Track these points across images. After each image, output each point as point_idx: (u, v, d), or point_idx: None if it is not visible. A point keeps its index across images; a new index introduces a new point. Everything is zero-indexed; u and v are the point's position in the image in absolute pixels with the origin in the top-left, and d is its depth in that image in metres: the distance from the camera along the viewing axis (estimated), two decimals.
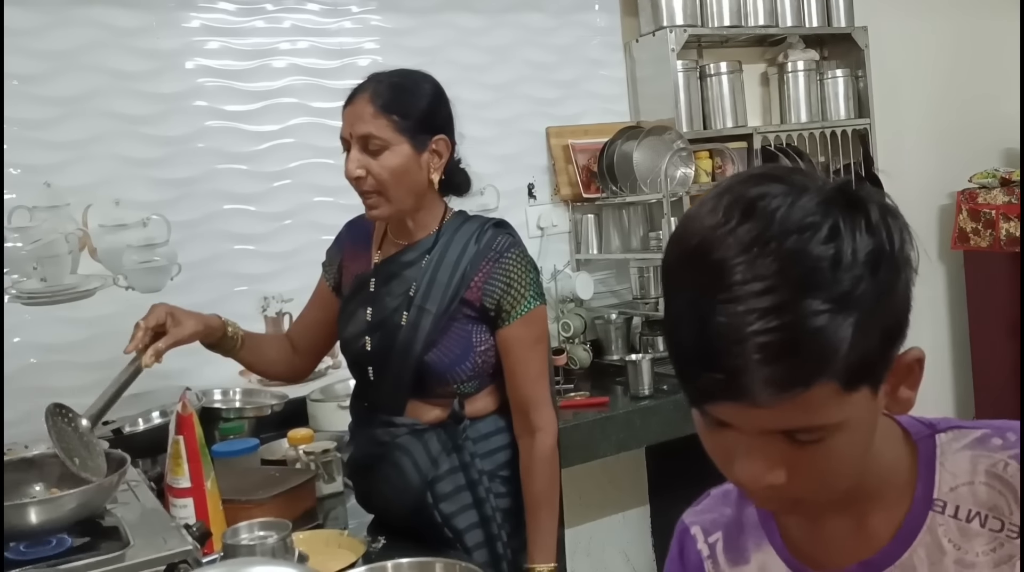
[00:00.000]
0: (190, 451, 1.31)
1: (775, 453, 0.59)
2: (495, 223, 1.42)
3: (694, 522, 0.79)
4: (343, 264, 1.50)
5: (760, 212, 0.57)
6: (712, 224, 0.58)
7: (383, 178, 1.32)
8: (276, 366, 1.57)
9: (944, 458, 0.68)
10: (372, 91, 1.33)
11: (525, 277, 1.37)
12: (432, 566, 1.19)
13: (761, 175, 0.60)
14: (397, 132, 1.32)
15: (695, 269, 0.58)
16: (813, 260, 0.55)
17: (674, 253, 0.61)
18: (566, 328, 2.51)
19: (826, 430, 0.58)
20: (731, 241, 0.57)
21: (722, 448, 0.62)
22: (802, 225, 0.56)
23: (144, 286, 1.77)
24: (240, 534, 1.17)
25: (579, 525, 2.66)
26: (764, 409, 0.56)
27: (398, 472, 1.37)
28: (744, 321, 0.55)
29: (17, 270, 1.69)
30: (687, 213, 0.63)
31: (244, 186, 2.21)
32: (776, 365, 0.55)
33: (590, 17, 2.72)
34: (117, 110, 2.07)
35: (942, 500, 0.67)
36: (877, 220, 0.58)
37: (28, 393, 1.93)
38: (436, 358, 1.36)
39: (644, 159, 2.49)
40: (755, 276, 0.55)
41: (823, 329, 0.55)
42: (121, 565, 1.07)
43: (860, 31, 2.92)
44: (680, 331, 0.58)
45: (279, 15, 2.26)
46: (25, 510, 1.11)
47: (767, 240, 0.56)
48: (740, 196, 0.58)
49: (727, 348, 0.55)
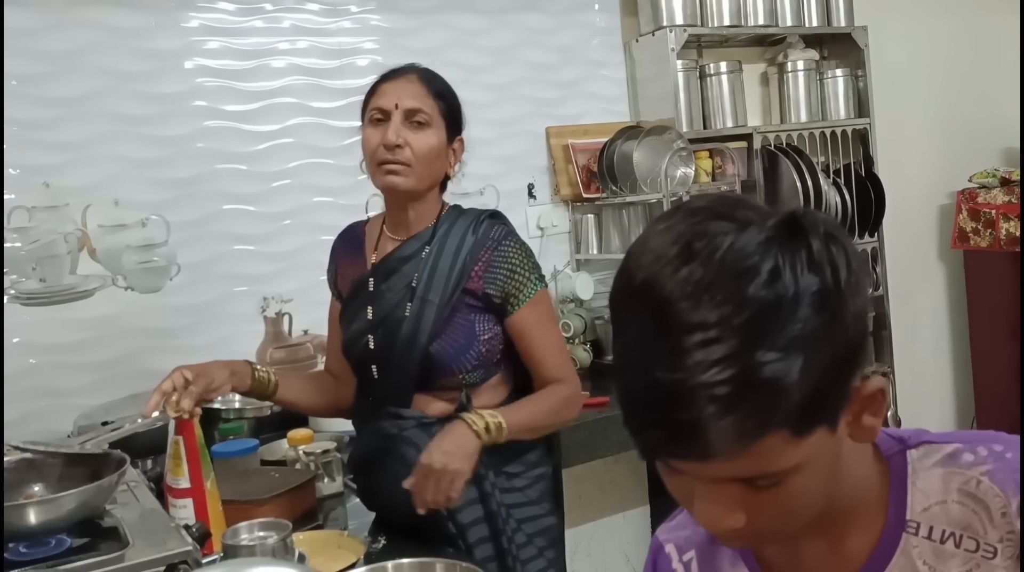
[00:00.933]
0: (190, 451, 1.31)
1: (732, 497, 0.58)
2: (490, 214, 1.45)
3: (668, 539, 0.78)
4: (339, 273, 1.51)
5: (703, 253, 0.55)
6: (656, 262, 0.56)
7: (421, 153, 1.35)
8: (322, 402, 1.53)
9: (915, 476, 0.66)
10: (420, 74, 1.39)
11: (526, 262, 1.39)
12: (433, 566, 1.19)
13: (706, 209, 0.58)
14: (440, 116, 1.37)
15: (638, 311, 0.56)
16: (755, 306, 0.53)
17: (619, 287, 0.59)
18: (566, 328, 2.50)
19: (782, 474, 0.57)
20: (674, 284, 0.54)
21: (680, 490, 0.61)
22: (743, 269, 0.54)
23: (143, 286, 1.77)
24: (240, 534, 1.16)
25: (579, 525, 2.66)
26: (715, 464, 0.55)
27: (404, 465, 1.37)
28: (690, 376, 0.53)
29: (16, 270, 1.69)
30: (635, 244, 0.60)
31: (244, 186, 2.21)
32: (724, 420, 0.53)
33: (590, 17, 2.72)
34: (116, 110, 2.07)
35: (915, 521, 0.65)
36: (820, 252, 0.56)
37: (28, 394, 1.93)
38: (441, 348, 1.36)
39: (644, 159, 2.49)
40: (699, 324, 0.53)
41: (771, 379, 0.53)
42: (121, 566, 1.06)
43: (860, 31, 2.92)
44: (625, 382, 0.56)
45: (278, 15, 2.26)
46: (24, 510, 1.11)
47: (708, 285, 0.54)
48: (682, 234, 0.56)
49: (672, 403, 0.53)
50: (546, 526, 1.42)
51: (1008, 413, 3.00)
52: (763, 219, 0.57)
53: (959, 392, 3.41)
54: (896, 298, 3.04)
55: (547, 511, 1.43)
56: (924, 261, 3.35)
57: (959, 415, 3.41)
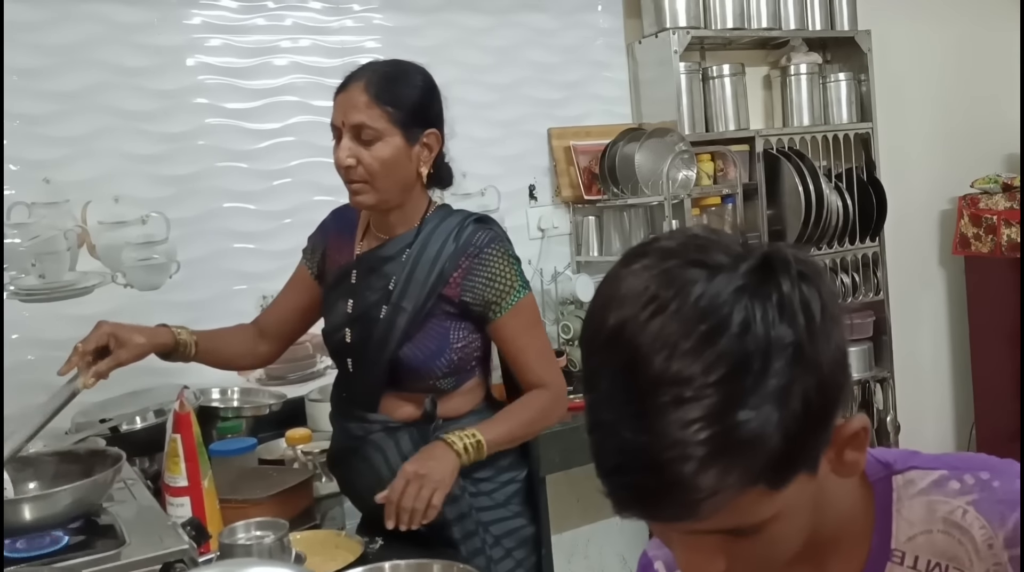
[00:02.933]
0: (187, 450, 1.30)
1: (712, 545, 0.56)
2: (476, 219, 1.41)
3: (656, 556, 0.77)
4: (327, 252, 1.50)
5: (673, 304, 0.53)
6: (626, 311, 0.54)
7: (373, 169, 1.31)
8: (237, 360, 1.56)
9: (900, 504, 0.65)
10: (367, 80, 1.32)
11: (507, 270, 1.36)
12: (429, 567, 1.18)
13: (678, 252, 0.56)
14: (391, 123, 1.31)
15: (610, 360, 0.54)
16: (728, 361, 0.51)
17: (590, 333, 0.56)
18: (566, 330, 2.50)
19: (761, 525, 0.56)
20: (645, 336, 0.52)
21: (661, 534, 0.60)
22: (715, 323, 0.52)
23: (143, 284, 1.76)
24: (237, 534, 1.16)
25: (577, 528, 2.66)
26: (689, 522, 0.54)
27: (370, 468, 1.37)
28: (662, 437, 0.51)
29: (16, 267, 1.68)
30: (604, 285, 0.58)
31: (244, 184, 2.20)
32: (698, 481, 0.51)
33: (593, 18, 2.71)
34: (117, 106, 2.06)
35: (900, 550, 0.64)
36: (790, 297, 0.53)
37: (26, 390, 1.92)
38: (410, 353, 1.35)
39: (646, 161, 2.48)
40: (671, 380, 0.51)
41: (747, 439, 0.51)
42: (117, 564, 1.06)
43: (863, 35, 2.92)
44: (596, 438, 0.54)
45: (281, 13, 2.26)
46: (19, 506, 1.11)
47: (678, 339, 0.52)
48: (652, 281, 0.54)
49: (645, 466, 0.52)
50: (513, 528, 1.42)
51: (1008, 419, 2.99)
52: (735, 264, 0.55)
53: (958, 397, 3.40)
54: (897, 303, 3.03)
55: (514, 513, 1.42)
56: (925, 266, 3.35)
57: (958, 421, 3.41)
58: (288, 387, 2.06)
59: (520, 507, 1.44)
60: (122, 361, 1.35)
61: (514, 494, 1.43)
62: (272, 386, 2.06)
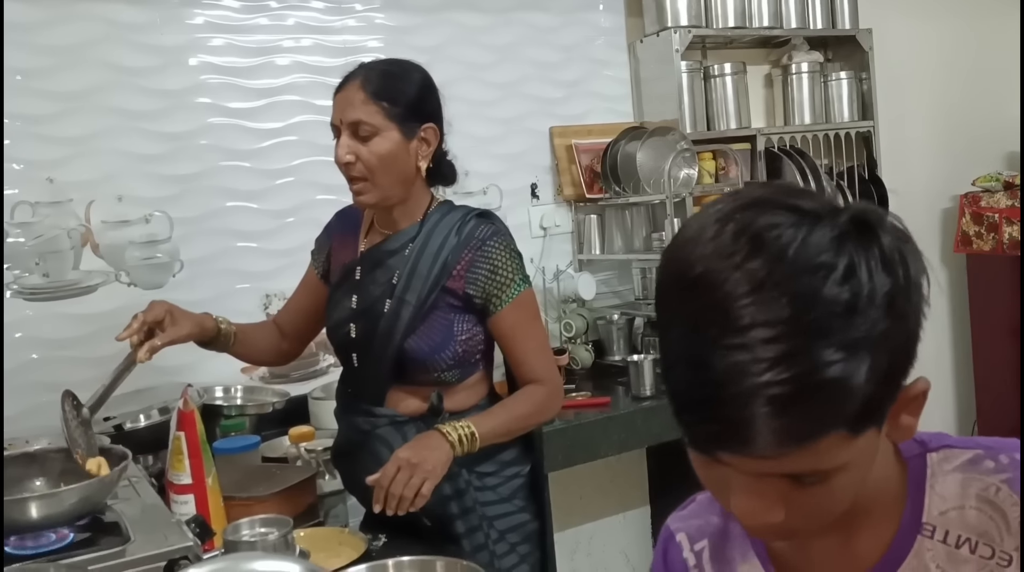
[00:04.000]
0: (191, 447, 1.31)
1: (774, 492, 0.57)
2: (478, 213, 1.43)
3: (679, 528, 0.78)
4: (332, 252, 1.52)
5: (770, 246, 0.53)
6: (716, 254, 0.54)
7: (372, 164, 1.33)
8: (266, 355, 1.61)
9: (934, 480, 0.66)
10: (363, 78, 1.34)
11: (509, 263, 1.38)
12: (433, 564, 1.19)
13: (768, 201, 0.56)
14: (387, 119, 1.33)
15: (696, 303, 0.54)
16: (828, 304, 0.52)
17: (671, 279, 0.57)
18: (568, 328, 2.50)
19: (831, 472, 0.56)
20: (738, 277, 0.53)
21: (718, 482, 0.60)
22: (816, 264, 0.53)
23: (146, 282, 1.77)
24: (241, 530, 1.17)
25: (580, 525, 2.66)
26: (766, 460, 0.54)
27: (376, 462, 1.38)
28: (752, 371, 0.51)
29: (19, 265, 1.69)
30: (684, 234, 0.58)
31: (247, 183, 2.21)
32: (785, 418, 0.52)
33: (595, 17, 2.71)
34: (120, 106, 2.07)
35: (931, 524, 0.65)
36: (891, 251, 0.55)
37: (29, 388, 1.92)
38: (416, 345, 1.37)
39: (647, 160, 2.48)
40: (765, 320, 0.52)
41: (837, 380, 0.52)
42: (122, 560, 1.06)
43: (864, 33, 2.92)
44: (678, 372, 0.55)
45: (283, 12, 2.26)
46: (26, 505, 1.11)
47: (778, 280, 0.52)
48: (747, 225, 0.55)
49: (731, 399, 0.52)
50: (518, 523, 1.43)
51: (1009, 416, 3.00)
52: (833, 214, 0.56)
53: (960, 395, 3.41)
54: None
55: (519, 508, 1.44)
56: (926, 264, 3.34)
57: (960, 418, 3.41)
58: (291, 385, 2.07)
59: (524, 502, 1.45)
60: (175, 339, 1.38)
61: (518, 489, 1.44)
62: (275, 384, 2.07)
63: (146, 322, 1.36)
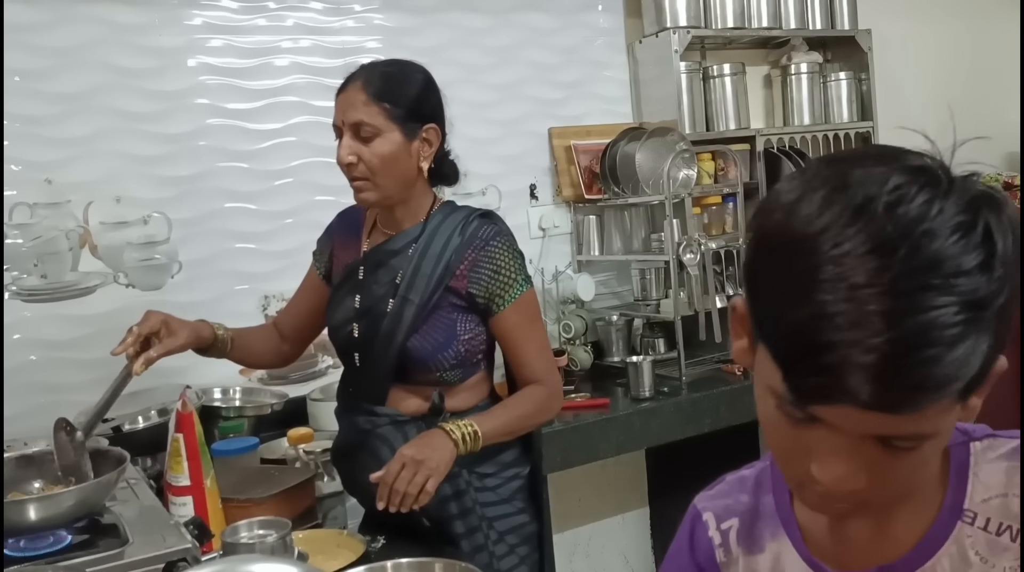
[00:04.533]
0: (190, 449, 1.31)
1: (864, 457, 0.56)
2: (481, 214, 1.44)
3: (707, 508, 0.77)
4: (334, 253, 1.52)
5: (928, 191, 0.53)
6: (874, 188, 0.54)
7: (373, 164, 1.34)
8: (265, 358, 1.61)
9: (978, 468, 0.66)
10: (364, 79, 1.35)
11: (512, 263, 1.39)
12: (432, 566, 1.19)
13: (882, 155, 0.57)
14: (388, 120, 1.34)
15: (859, 234, 0.52)
16: (981, 256, 0.52)
17: (815, 206, 0.54)
18: (567, 329, 2.50)
19: (927, 438, 0.56)
20: (904, 216, 0.52)
21: (800, 445, 0.58)
22: (955, 226, 0.53)
23: (145, 284, 1.77)
24: (239, 532, 1.16)
25: (578, 527, 2.66)
26: (883, 416, 0.53)
27: (376, 461, 1.38)
28: (918, 317, 0.51)
29: (18, 267, 1.69)
30: (828, 165, 0.57)
31: (245, 184, 2.21)
32: (918, 375, 0.51)
33: (594, 18, 2.71)
34: (119, 107, 2.07)
35: (973, 511, 0.65)
36: (1015, 221, 0.55)
37: (28, 390, 1.92)
38: (418, 344, 1.37)
39: (646, 160, 2.48)
40: (931, 262, 0.51)
41: (968, 342, 0.52)
42: (120, 563, 1.06)
43: (863, 34, 2.92)
44: (803, 321, 0.53)
45: (281, 13, 2.26)
46: (24, 507, 1.11)
47: (938, 226, 0.52)
48: (895, 169, 0.55)
49: (866, 351, 0.51)
50: (517, 524, 1.43)
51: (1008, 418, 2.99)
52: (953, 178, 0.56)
53: None
54: None
55: (518, 509, 1.44)
56: None
57: None
58: (290, 386, 2.07)
59: (523, 503, 1.45)
60: (170, 350, 1.38)
61: (518, 490, 1.44)
62: (274, 386, 2.07)
63: (141, 334, 1.36)
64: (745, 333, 0.63)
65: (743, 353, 0.64)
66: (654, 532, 2.81)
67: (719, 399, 2.32)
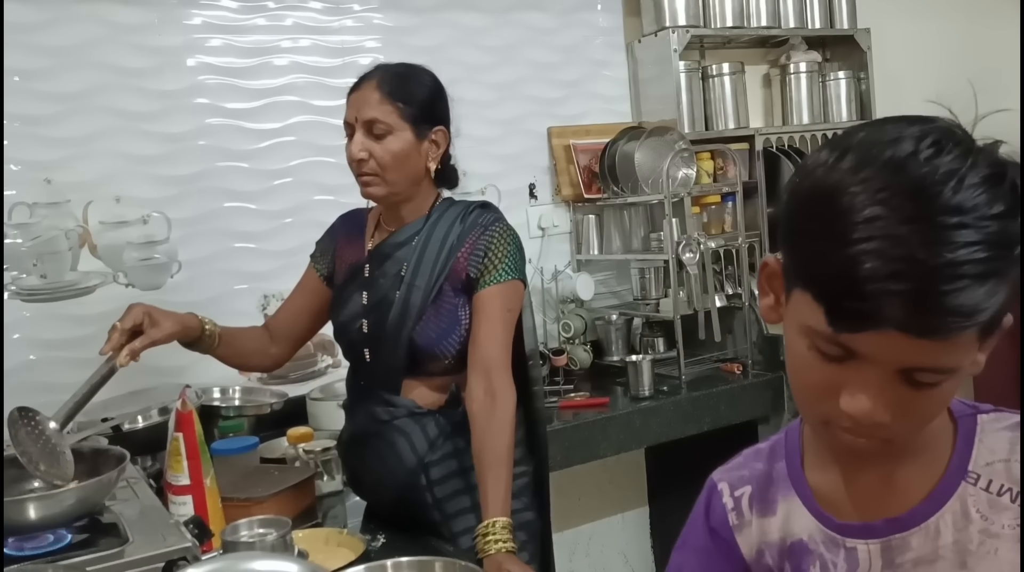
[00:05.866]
0: (189, 448, 1.31)
1: (890, 393, 0.61)
2: (480, 204, 1.47)
3: (722, 478, 0.82)
4: (337, 254, 1.53)
5: (959, 147, 0.59)
6: (908, 144, 0.59)
7: (384, 161, 1.37)
8: (252, 358, 1.60)
9: (984, 435, 0.70)
10: (379, 78, 1.39)
11: (505, 248, 1.40)
12: (432, 565, 1.19)
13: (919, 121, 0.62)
14: (401, 118, 1.37)
15: (894, 183, 0.58)
16: (1006, 203, 0.58)
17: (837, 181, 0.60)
18: (566, 328, 2.50)
19: (948, 374, 0.61)
20: (935, 167, 0.58)
21: (829, 382, 0.63)
22: (985, 177, 0.58)
23: (144, 283, 1.77)
24: (240, 531, 1.17)
25: (578, 526, 2.66)
26: (921, 342, 0.57)
27: (393, 452, 1.38)
28: (947, 256, 0.56)
29: (17, 267, 1.69)
30: (866, 130, 0.63)
31: (245, 184, 2.21)
32: (949, 304, 0.56)
33: (593, 17, 2.72)
34: (118, 106, 2.07)
35: (976, 473, 0.69)
36: None
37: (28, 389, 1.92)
38: (423, 331, 1.38)
39: (646, 160, 2.49)
40: (958, 207, 0.57)
41: (992, 278, 0.57)
42: (120, 561, 1.06)
43: (863, 33, 2.92)
44: (868, 248, 0.57)
45: (281, 13, 2.26)
46: (24, 506, 1.11)
47: (966, 174, 0.57)
48: (929, 128, 0.61)
49: (903, 281, 0.56)
50: (525, 520, 1.43)
51: None
52: (980, 144, 0.62)
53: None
54: None
55: (525, 506, 1.44)
56: None
57: None
58: (289, 386, 2.07)
59: (529, 500, 1.46)
60: (155, 340, 1.38)
61: (524, 487, 1.45)
62: (273, 385, 2.07)
63: (125, 329, 1.36)
64: (773, 290, 0.69)
65: (770, 309, 0.70)
66: (654, 531, 2.81)
67: (719, 398, 2.32)
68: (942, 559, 0.68)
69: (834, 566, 0.72)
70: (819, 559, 0.73)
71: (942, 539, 0.68)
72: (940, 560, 0.68)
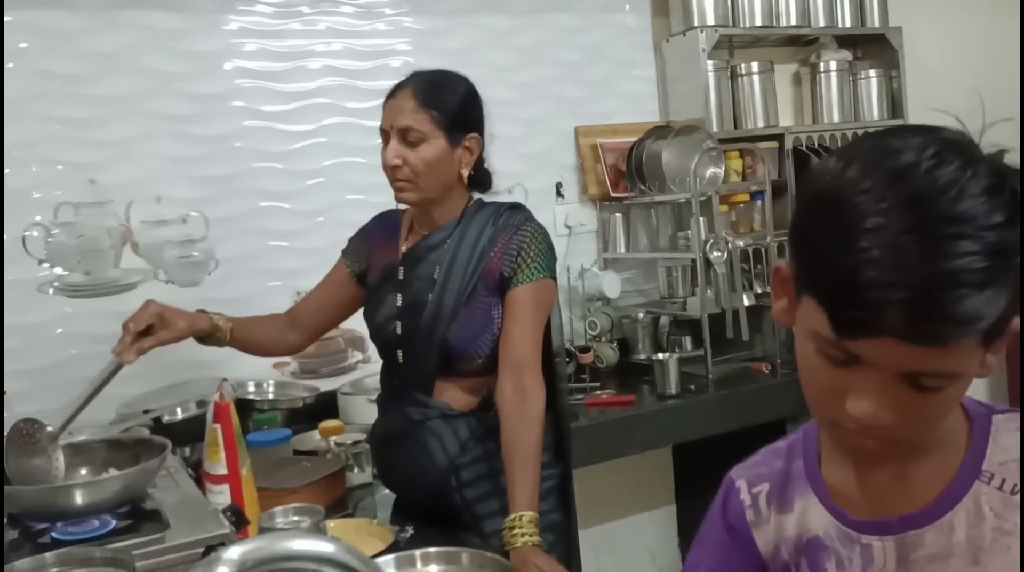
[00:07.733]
0: (227, 439, 1.35)
1: (894, 396, 0.62)
2: (511, 206, 1.49)
3: (740, 476, 0.83)
4: (371, 253, 1.56)
5: (960, 159, 0.60)
6: (911, 155, 0.61)
7: (418, 168, 1.40)
8: (268, 346, 1.64)
9: (998, 434, 0.71)
10: (414, 87, 1.41)
11: (536, 247, 1.42)
12: (459, 555, 1.22)
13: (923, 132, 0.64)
14: (435, 126, 1.40)
15: (896, 192, 0.59)
16: (1006, 213, 0.59)
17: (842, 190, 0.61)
18: (593, 326, 2.52)
19: (951, 378, 0.62)
20: (936, 178, 0.59)
21: (837, 386, 0.64)
22: (985, 187, 0.59)
23: (183, 280, 1.82)
24: (276, 518, 1.21)
25: (605, 523, 2.67)
26: (921, 349, 0.58)
27: (425, 452, 1.41)
28: (947, 265, 0.57)
29: (62, 264, 1.75)
30: (871, 139, 0.65)
31: (279, 184, 2.26)
32: (948, 312, 0.57)
33: (620, 17, 2.73)
34: (159, 110, 2.13)
35: (990, 471, 0.69)
36: None
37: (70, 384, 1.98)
38: (456, 332, 1.41)
39: (673, 159, 2.49)
40: (958, 217, 0.58)
41: (991, 286, 0.57)
42: (162, 546, 1.10)
43: (894, 31, 2.89)
44: (869, 256, 0.58)
45: (314, 17, 2.31)
46: (71, 492, 1.16)
47: (966, 185, 0.59)
48: (932, 139, 0.62)
49: (903, 289, 0.57)
50: (552, 522, 1.44)
51: None
52: (983, 154, 0.64)
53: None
54: None
55: (552, 507, 1.45)
56: None
57: None
58: (321, 381, 2.12)
59: (556, 501, 1.48)
60: (163, 341, 1.44)
61: (550, 490, 1.46)
62: (305, 380, 2.12)
63: (136, 331, 1.42)
64: (785, 294, 0.70)
65: (782, 312, 0.71)
66: (681, 530, 2.81)
67: (747, 397, 2.32)
68: (955, 556, 0.68)
69: (849, 562, 0.73)
70: (835, 555, 0.74)
71: (956, 536, 0.69)
72: (953, 557, 0.68)
